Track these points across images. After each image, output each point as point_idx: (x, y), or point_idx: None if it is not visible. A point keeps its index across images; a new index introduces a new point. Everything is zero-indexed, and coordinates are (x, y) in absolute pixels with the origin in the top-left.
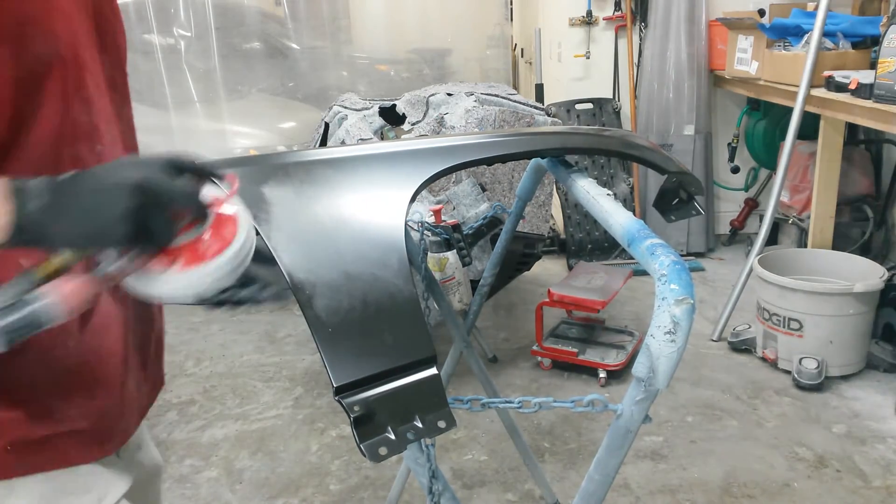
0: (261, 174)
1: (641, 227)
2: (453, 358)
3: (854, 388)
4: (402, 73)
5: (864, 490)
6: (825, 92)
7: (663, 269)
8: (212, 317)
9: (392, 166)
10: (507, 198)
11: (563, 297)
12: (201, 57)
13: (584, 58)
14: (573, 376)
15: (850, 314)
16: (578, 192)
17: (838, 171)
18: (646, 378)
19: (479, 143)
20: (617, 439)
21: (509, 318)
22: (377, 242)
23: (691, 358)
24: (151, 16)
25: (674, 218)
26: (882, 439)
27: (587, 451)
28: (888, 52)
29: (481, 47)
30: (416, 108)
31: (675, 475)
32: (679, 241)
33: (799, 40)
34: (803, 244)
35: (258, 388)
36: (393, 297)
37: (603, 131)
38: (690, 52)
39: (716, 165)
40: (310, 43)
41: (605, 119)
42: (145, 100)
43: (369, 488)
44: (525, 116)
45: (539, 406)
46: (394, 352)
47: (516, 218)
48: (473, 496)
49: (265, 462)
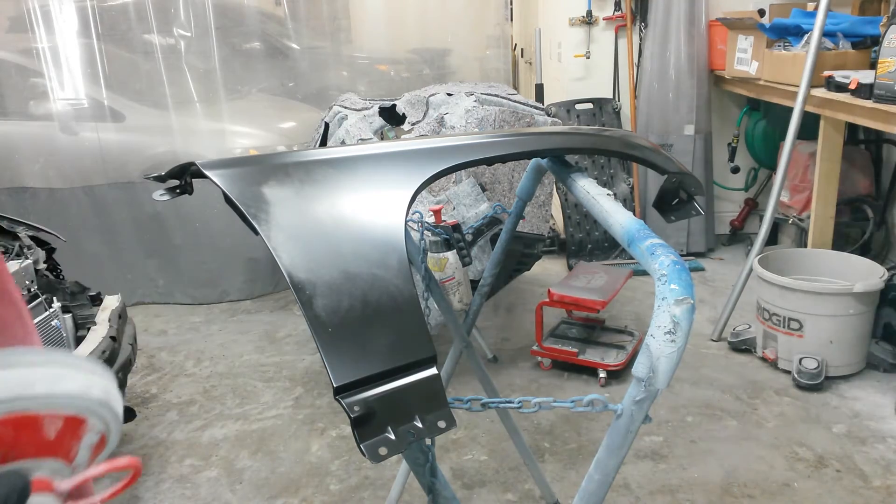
0: (261, 174)
1: (641, 227)
2: (453, 358)
3: (854, 388)
4: (402, 73)
5: (864, 490)
6: (825, 92)
7: (663, 269)
8: (212, 317)
9: (392, 166)
10: (507, 198)
11: (563, 297)
12: (201, 57)
13: (584, 58)
14: (573, 376)
15: (850, 314)
16: (578, 192)
17: (838, 171)
18: (646, 378)
19: (479, 143)
20: (617, 439)
21: (509, 318)
22: (377, 242)
23: (691, 358)
24: (151, 16)
25: (674, 218)
26: (882, 439)
27: (587, 451)
28: (888, 52)
29: (481, 47)
30: (416, 108)
31: (675, 475)
32: (679, 241)
33: (799, 40)
34: (803, 244)
35: (258, 388)
36: (393, 297)
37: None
38: (690, 52)
39: (716, 165)
40: (310, 43)
41: (605, 119)
42: (145, 100)
43: (369, 488)
44: (525, 116)
45: (539, 406)
46: (394, 352)
47: (516, 218)
48: (473, 496)
49: (265, 462)
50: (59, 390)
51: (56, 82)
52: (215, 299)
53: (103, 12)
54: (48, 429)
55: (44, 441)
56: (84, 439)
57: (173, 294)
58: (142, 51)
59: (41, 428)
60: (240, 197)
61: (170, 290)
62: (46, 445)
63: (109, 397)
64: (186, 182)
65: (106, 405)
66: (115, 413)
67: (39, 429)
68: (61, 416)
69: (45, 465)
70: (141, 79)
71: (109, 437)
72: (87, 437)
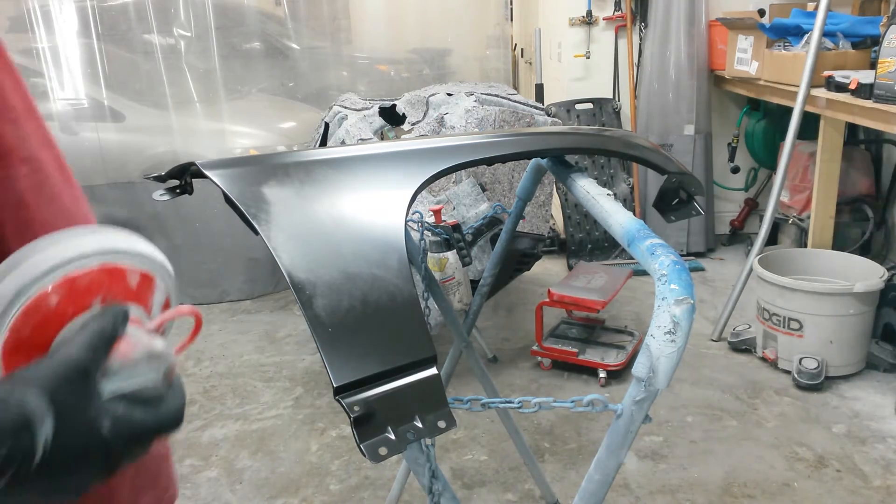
0: (261, 174)
1: (641, 227)
2: (453, 358)
3: (854, 388)
4: (402, 73)
5: (864, 490)
6: (825, 92)
7: (663, 269)
8: (211, 317)
9: (392, 166)
10: (507, 198)
11: (563, 297)
12: (201, 57)
13: (584, 58)
14: (573, 376)
15: (850, 314)
16: (578, 192)
17: (838, 171)
18: (646, 378)
19: (479, 143)
20: (617, 439)
21: (509, 318)
22: (377, 242)
23: (691, 358)
24: (151, 16)
25: (674, 218)
26: (882, 439)
27: (587, 451)
28: (888, 52)
29: (481, 47)
30: (416, 108)
31: (675, 475)
32: (679, 241)
33: (799, 40)
34: (803, 244)
35: (258, 388)
36: (393, 297)
37: (603, 131)
38: (690, 52)
39: (716, 165)
40: (310, 43)
41: (605, 119)
42: (145, 100)
43: (369, 488)
44: (525, 116)
45: (539, 406)
46: (394, 352)
47: (516, 218)
48: (473, 496)
49: (265, 462)
50: (136, 249)
51: (56, 82)
52: (215, 299)
53: (103, 12)
54: (131, 279)
55: (129, 290)
56: (155, 295)
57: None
58: (142, 51)
59: (126, 278)
60: (240, 197)
61: None
62: (131, 293)
63: (168, 265)
64: (186, 182)
65: (167, 269)
66: (173, 278)
67: (125, 278)
68: (138, 271)
69: (132, 309)
70: (141, 79)
71: (172, 300)
72: (157, 294)
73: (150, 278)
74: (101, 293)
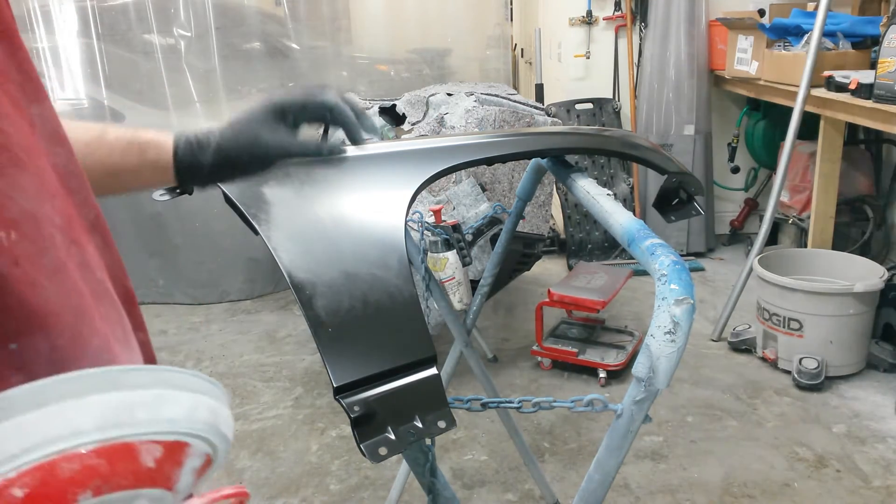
0: (261, 174)
1: (641, 227)
2: (453, 358)
3: (854, 388)
4: (402, 73)
5: (864, 490)
6: (825, 92)
7: (663, 269)
8: (212, 317)
9: (392, 166)
10: (507, 198)
11: (563, 297)
12: (201, 57)
13: (584, 58)
14: (573, 376)
15: (850, 314)
16: (578, 192)
17: (838, 171)
18: (646, 378)
19: (479, 143)
20: (617, 439)
21: (509, 318)
22: (377, 242)
23: (691, 358)
24: (151, 16)
25: (674, 218)
26: (882, 439)
27: (587, 451)
28: (888, 52)
29: (481, 47)
30: (416, 108)
31: (675, 475)
32: (679, 241)
33: (799, 40)
34: (803, 244)
35: (258, 388)
36: (393, 297)
37: (603, 131)
38: (690, 52)
39: (716, 165)
40: (310, 43)
41: (605, 119)
42: (145, 100)
43: (369, 488)
44: (525, 116)
45: (539, 406)
46: (394, 352)
47: (516, 218)
48: (473, 496)
49: (265, 462)
50: (161, 416)
51: (56, 82)
52: (215, 299)
53: (103, 12)
54: (145, 458)
55: (142, 470)
56: (186, 464)
57: (173, 294)
58: (142, 51)
59: (138, 457)
60: (240, 197)
61: (170, 290)
62: (145, 474)
63: (217, 418)
64: None
65: (213, 427)
66: (223, 434)
67: (136, 458)
68: (161, 443)
69: (143, 495)
70: (141, 79)
71: (216, 458)
72: (190, 460)
73: (180, 446)
74: (94, 481)
